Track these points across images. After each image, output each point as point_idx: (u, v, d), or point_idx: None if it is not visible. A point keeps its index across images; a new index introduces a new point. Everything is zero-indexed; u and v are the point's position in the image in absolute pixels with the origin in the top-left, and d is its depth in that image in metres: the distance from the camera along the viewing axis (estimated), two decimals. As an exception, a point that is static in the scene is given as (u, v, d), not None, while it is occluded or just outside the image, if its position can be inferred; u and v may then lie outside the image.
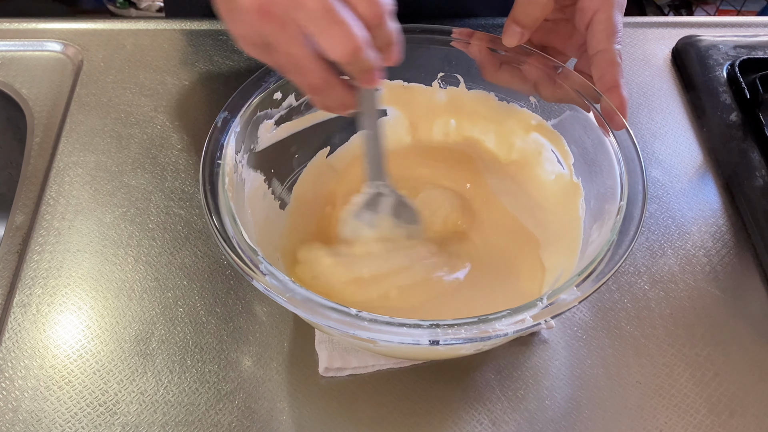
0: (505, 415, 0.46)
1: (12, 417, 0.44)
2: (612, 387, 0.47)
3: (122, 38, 0.67)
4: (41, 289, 0.50)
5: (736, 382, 0.48)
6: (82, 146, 0.59)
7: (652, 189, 0.58)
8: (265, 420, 0.45)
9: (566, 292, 0.37)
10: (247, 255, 0.38)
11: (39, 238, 0.53)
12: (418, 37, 0.50)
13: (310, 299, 0.36)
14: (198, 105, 0.63)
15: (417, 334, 0.35)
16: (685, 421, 0.46)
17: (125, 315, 0.49)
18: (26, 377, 0.46)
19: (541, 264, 0.49)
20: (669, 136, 0.63)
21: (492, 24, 0.70)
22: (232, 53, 0.66)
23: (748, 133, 0.61)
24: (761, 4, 1.64)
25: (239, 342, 0.48)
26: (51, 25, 0.68)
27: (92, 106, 0.62)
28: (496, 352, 0.48)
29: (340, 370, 0.47)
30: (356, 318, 0.35)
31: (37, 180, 0.56)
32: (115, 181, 0.57)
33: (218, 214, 0.39)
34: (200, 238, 0.53)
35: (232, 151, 0.43)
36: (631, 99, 0.65)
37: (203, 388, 0.46)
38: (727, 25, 0.73)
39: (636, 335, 0.49)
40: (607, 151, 0.45)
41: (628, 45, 0.70)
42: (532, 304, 0.36)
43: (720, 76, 0.65)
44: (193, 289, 0.51)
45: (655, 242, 0.55)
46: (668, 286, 0.52)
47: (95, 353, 0.47)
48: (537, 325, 0.36)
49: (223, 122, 0.44)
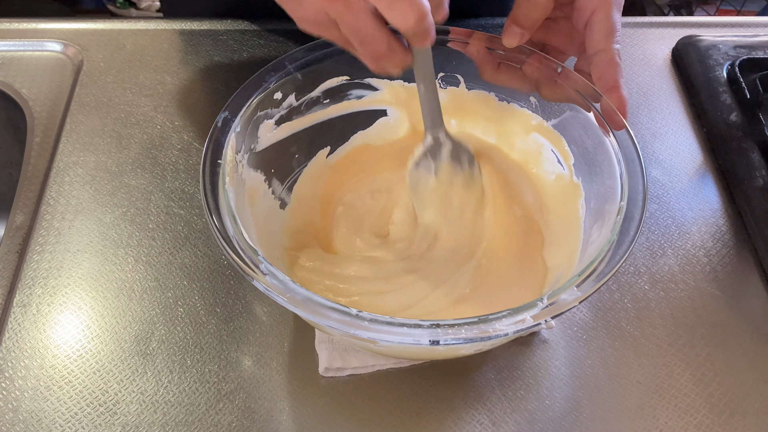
0: (505, 415, 0.46)
1: (12, 417, 0.44)
2: (612, 387, 0.47)
3: (122, 38, 0.67)
4: (41, 289, 0.50)
5: (736, 381, 0.48)
6: (82, 146, 0.59)
7: (652, 189, 0.58)
8: (265, 420, 0.45)
9: (567, 293, 0.37)
10: (247, 255, 0.38)
11: (39, 238, 0.53)
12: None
13: (310, 299, 0.36)
14: (198, 105, 0.63)
15: (417, 334, 0.35)
16: (685, 421, 0.46)
17: (125, 315, 0.49)
18: (26, 377, 0.46)
19: (544, 264, 0.49)
20: (669, 136, 0.63)
21: (491, 24, 0.70)
22: (232, 53, 0.66)
23: (748, 133, 0.61)
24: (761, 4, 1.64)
25: (239, 342, 0.48)
26: (51, 25, 0.68)
27: (92, 106, 0.62)
28: (496, 352, 0.48)
29: (340, 370, 0.47)
30: (357, 318, 0.35)
31: (37, 180, 0.56)
32: (115, 181, 0.57)
33: (218, 214, 0.39)
34: (200, 238, 0.53)
35: (232, 151, 0.43)
36: (631, 99, 0.65)
37: (203, 388, 0.46)
38: (727, 25, 0.73)
39: (636, 335, 0.49)
40: (607, 151, 0.45)
41: (628, 45, 0.70)
42: (533, 304, 0.36)
43: (720, 76, 0.65)
44: (193, 289, 0.50)
45: (655, 242, 0.55)
46: (668, 286, 0.52)
47: (95, 353, 0.47)
48: (537, 325, 0.36)
49: (223, 122, 0.44)
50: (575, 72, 0.48)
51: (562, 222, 0.49)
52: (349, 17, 0.38)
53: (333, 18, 0.39)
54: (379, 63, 0.41)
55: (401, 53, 0.41)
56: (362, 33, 0.39)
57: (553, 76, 0.48)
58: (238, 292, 0.50)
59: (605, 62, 0.45)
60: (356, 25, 0.39)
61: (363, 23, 0.38)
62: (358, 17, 0.38)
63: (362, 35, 0.39)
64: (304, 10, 0.40)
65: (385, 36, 0.39)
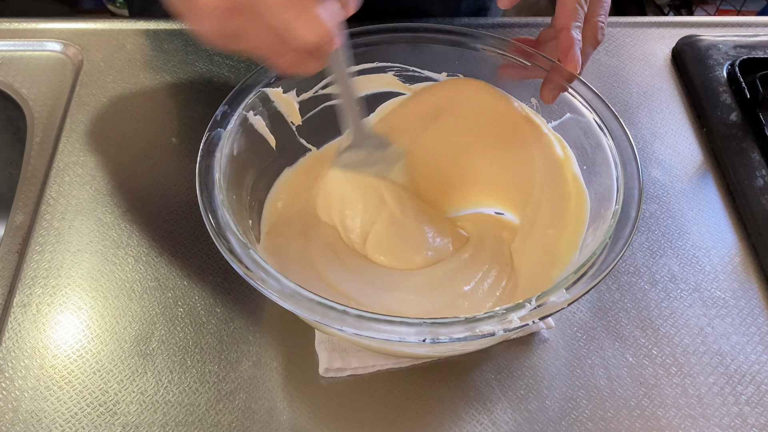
0: (505, 415, 0.46)
1: (12, 417, 0.44)
2: (612, 387, 0.47)
3: (122, 38, 0.67)
4: (41, 289, 0.50)
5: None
6: (82, 146, 0.59)
7: (652, 189, 0.58)
8: (265, 420, 0.45)
9: (556, 294, 0.37)
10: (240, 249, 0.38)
11: (39, 238, 0.53)
12: (422, 36, 0.50)
13: (298, 293, 0.36)
14: (198, 105, 0.63)
15: (403, 331, 0.35)
16: (686, 423, 0.46)
17: (125, 315, 0.49)
18: (26, 377, 0.46)
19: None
20: (669, 136, 0.63)
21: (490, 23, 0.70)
22: (232, 53, 0.66)
23: (748, 133, 0.61)
24: (761, 4, 1.64)
25: (239, 342, 0.48)
26: (51, 25, 0.68)
27: (92, 106, 0.62)
28: (497, 352, 0.48)
29: (340, 371, 0.47)
30: (343, 314, 0.35)
31: (37, 180, 0.56)
32: (115, 181, 0.57)
33: (212, 207, 0.40)
34: (200, 237, 0.53)
35: (230, 145, 0.43)
36: (631, 99, 0.65)
37: (203, 389, 0.46)
38: (727, 25, 0.73)
39: (636, 335, 0.50)
40: (605, 153, 0.45)
41: (628, 45, 0.70)
42: (521, 305, 0.36)
43: (720, 76, 0.65)
44: (193, 289, 0.51)
45: (655, 242, 0.55)
46: (668, 286, 0.52)
47: (95, 353, 0.47)
48: (534, 325, 0.36)
49: (222, 116, 0.44)
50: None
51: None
52: (254, 31, 0.37)
53: (236, 32, 0.37)
54: (292, 70, 0.40)
55: (314, 60, 0.40)
56: (268, 46, 0.38)
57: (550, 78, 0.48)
58: (238, 292, 0.50)
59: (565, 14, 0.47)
60: (262, 39, 0.37)
61: (269, 37, 0.37)
62: (262, 31, 0.37)
63: (269, 48, 0.38)
64: (207, 24, 0.38)
65: (293, 47, 0.38)
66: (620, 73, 0.67)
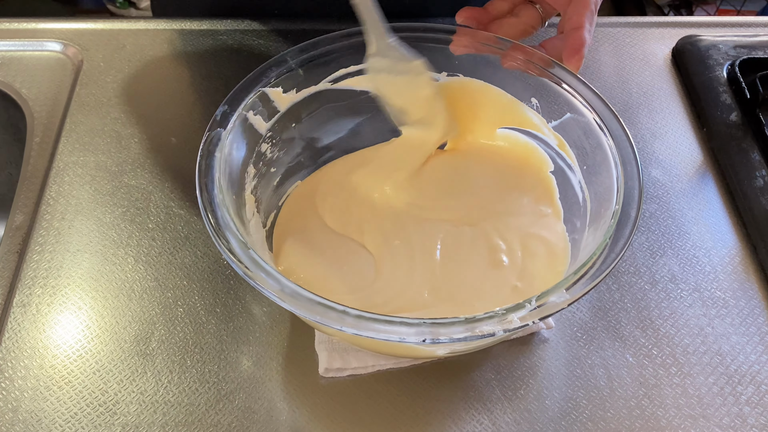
0: (505, 415, 0.46)
1: (12, 417, 0.44)
2: (612, 387, 0.47)
3: (122, 38, 0.67)
4: (41, 289, 0.50)
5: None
6: (82, 146, 0.59)
7: (652, 189, 0.58)
8: (265, 420, 0.45)
9: (556, 295, 0.37)
10: (240, 249, 0.38)
11: (39, 238, 0.53)
12: (422, 36, 0.50)
13: (298, 293, 0.36)
14: (198, 105, 0.63)
15: (403, 332, 0.35)
16: (685, 423, 0.46)
17: (125, 315, 0.49)
18: (26, 377, 0.46)
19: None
20: (669, 136, 0.63)
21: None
22: (232, 53, 0.66)
23: (748, 133, 0.61)
24: (761, 4, 1.64)
25: (239, 342, 0.48)
26: (51, 25, 0.68)
27: (92, 106, 0.62)
28: (497, 352, 0.48)
29: (340, 371, 0.47)
30: (342, 314, 0.35)
31: (37, 180, 0.56)
32: (115, 181, 0.57)
33: (212, 207, 0.40)
34: (200, 238, 0.53)
35: (230, 145, 0.43)
36: (631, 99, 0.65)
37: (203, 389, 0.46)
38: (727, 25, 0.73)
39: (636, 335, 0.50)
40: (605, 153, 0.45)
41: (628, 45, 0.70)
42: (521, 306, 0.36)
43: (720, 76, 0.65)
44: (193, 289, 0.51)
45: (655, 242, 0.55)
46: (668, 286, 0.52)
47: (95, 353, 0.47)
48: (534, 325, 0.36)
49: (222, 116, 0.44)
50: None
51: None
52: None
53: None
54: None
55: None
56: None
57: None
58: (238, 292, 0.50)
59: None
60: None
61: None
62: None
63: None
64: None
65: None
66: (620, 73, 0.67)
